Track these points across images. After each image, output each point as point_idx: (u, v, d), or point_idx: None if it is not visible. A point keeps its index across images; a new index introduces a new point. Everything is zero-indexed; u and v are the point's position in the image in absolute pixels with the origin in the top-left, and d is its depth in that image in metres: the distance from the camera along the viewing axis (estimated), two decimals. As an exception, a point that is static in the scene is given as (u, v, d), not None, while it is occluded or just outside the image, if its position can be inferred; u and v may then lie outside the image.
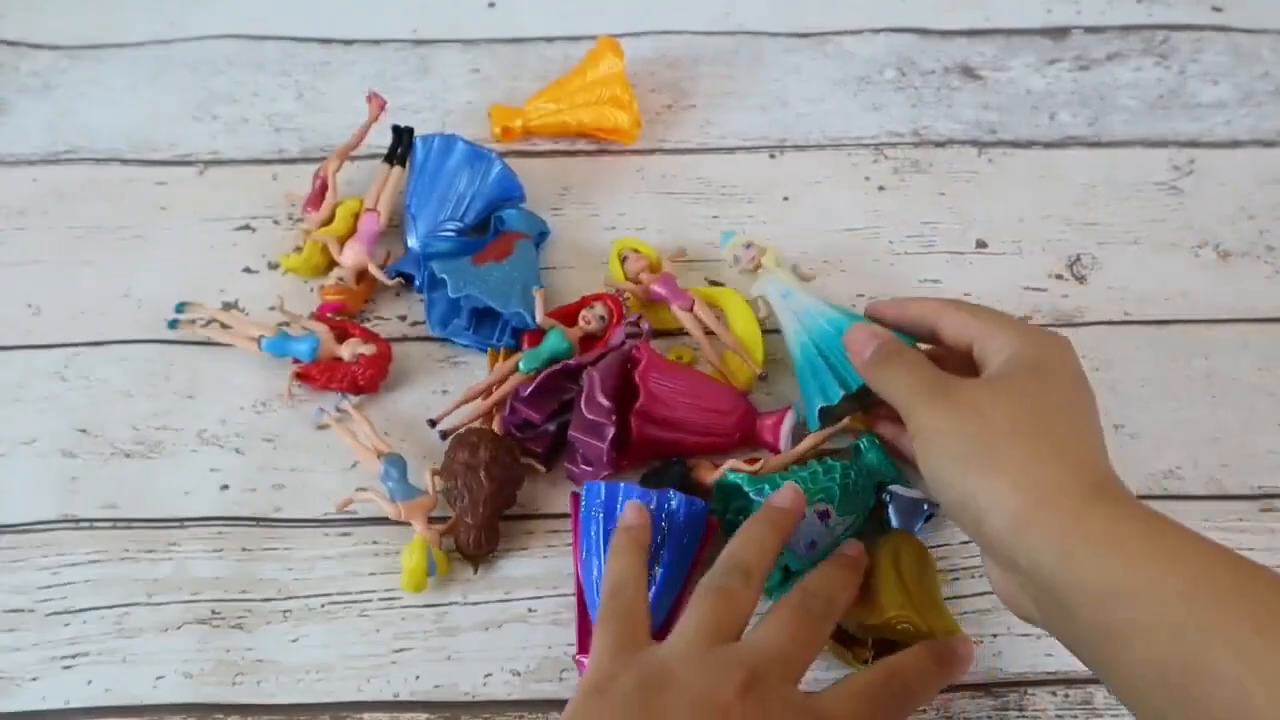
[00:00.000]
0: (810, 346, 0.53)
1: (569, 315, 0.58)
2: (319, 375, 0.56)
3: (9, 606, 0.51)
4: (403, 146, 0.63)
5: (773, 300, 0.57)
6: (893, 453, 0.53)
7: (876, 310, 0.51)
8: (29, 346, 0.60)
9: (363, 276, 0.60)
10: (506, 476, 0.52)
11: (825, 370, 0.52)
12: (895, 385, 0.46)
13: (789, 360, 0.55)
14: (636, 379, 0.52)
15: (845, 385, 0.51)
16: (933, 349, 0.49)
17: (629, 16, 0.75)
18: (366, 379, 0.56)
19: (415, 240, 0.61)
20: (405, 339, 0.60)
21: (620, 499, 0.48)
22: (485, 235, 0.61)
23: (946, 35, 0.74)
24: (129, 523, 0.54)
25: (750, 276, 0.60)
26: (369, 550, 0.53)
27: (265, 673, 0.49)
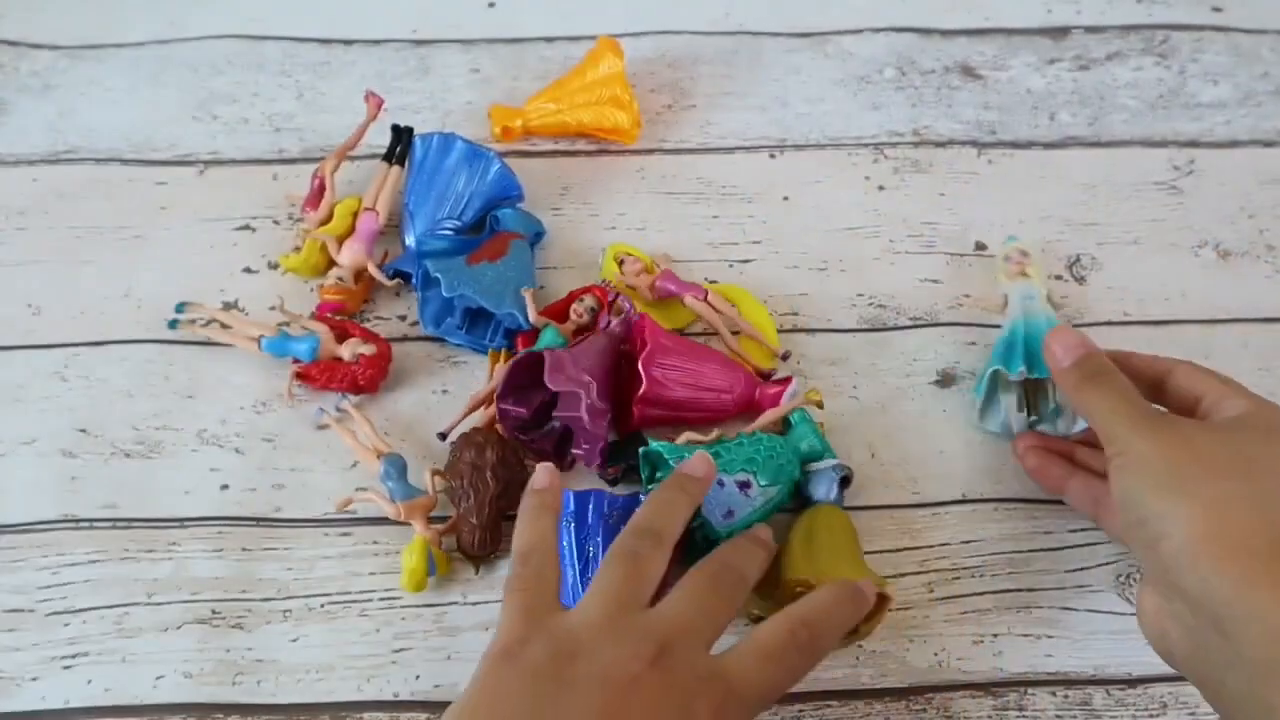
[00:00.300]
0: (1020, 327, 0.54)
1: (559, 312, 0.58)
2: (319, 375, 0.56)
3: (9, 606, 0.51)
4: (401, 146, 0.63)
5: (1013, 298, 0.57)
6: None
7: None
8: (29, 346, 0.60)
9: (361, 276, 0.60)
10: (512, 478, 0.52)
11: (1021, 348, 0.53)
12: (1102, 406, 0.45)
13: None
14: (640, 365, 0.52)
15: (1032, 367, 0.52)
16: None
17: (629, 16, 0.75)
18: (366, 379, 0.56)
19: (413, 239, 0.61)
20: (405, 339, 0.60)
21: (590, 506, 0.49)
22: (481, 234, 0.62)
23: (946, 35, 0.74)
24: (129, 522, 0.54)
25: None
26: (369, 550, 0.53)
27: (265, 672, 0.49)
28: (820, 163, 0.68)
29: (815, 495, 0.52)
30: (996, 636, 0.50)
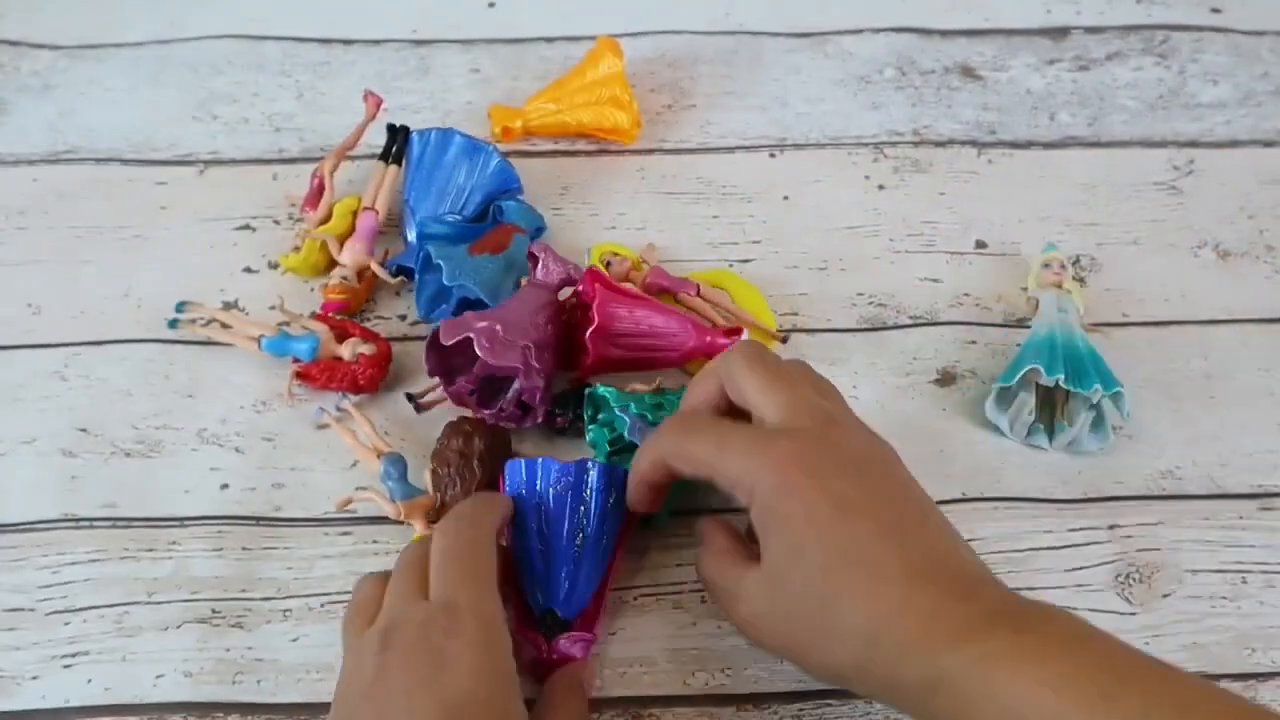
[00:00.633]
0: (1057, 334, 0.55)
1: None
2: (319, 375, 0.56)
3: (9, 605, 0.51)
4: (397, 145, 0.64)
5: (1045, 304, 0.57)
6: None
7: (632, 499, 0.48)
8: (29, 346, 0.60)
9: (363, 275, 0.60)
10: (499, 469, 0.52)
11: (1061, 355, 0.54)
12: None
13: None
14: (594, 308, 0.53)
15: (1067, 377, 0.52)
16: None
17: (629, 16, 0.75)
18: (366, 378, 0.56)
19: (414, 234, 0.61)
20: (405, 338, 0.60)
21: (539, 474, 0.49)
22: (484, 223, 0.61)
23: (946, 35, 0.74)
24: (129, 522, 0.54)
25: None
26: (369, 550, 0.53)
27: (265, 672, 0.49)
28: (820, 162, 0.68)
29: None
30: (996, 636, 0.50)
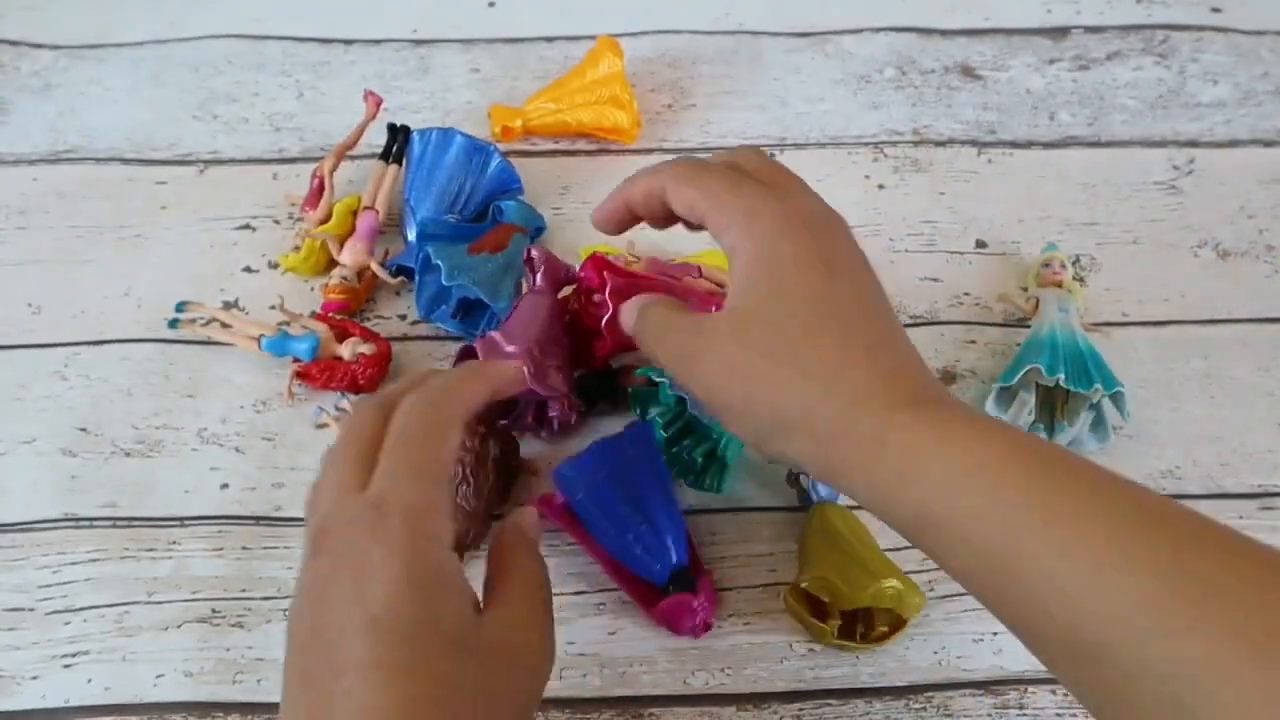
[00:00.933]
0: (1057, 334, 0.56)
1: None
2: (319, 374, 0.56)
3: (9, 605, 0.51)
4: (398, 144, 0.64)
5: (1047, 304, 0.58)
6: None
7: (602, 212, 0.45)
8: (29, 346, 0.60)
9: (364, 275, 0.60)
10: (512, 478, 0.53)
11: (1062, 355, 0.54)
12: (658, 352, 0.42)
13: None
14: (609, 299, 0.52)
15: (1067, 378, 0.53)
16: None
17: (629, 16, 0.75)
18: (366, 378, 0.56)
19: (414, 234, 0.61)
20: (405, 338, 0.60)
21: (590, 468, 0.49)
22: (484, 224, 0.61)
23: (946, 35, 0.74)
24: (129, 521, 0.54)
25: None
26: (369, 549, 0.53)
27: (265, 671, 0.49)
28: (820, 162, 0.68)
29: (822, 494, 0.53)
30: (996, 635, 0.50)
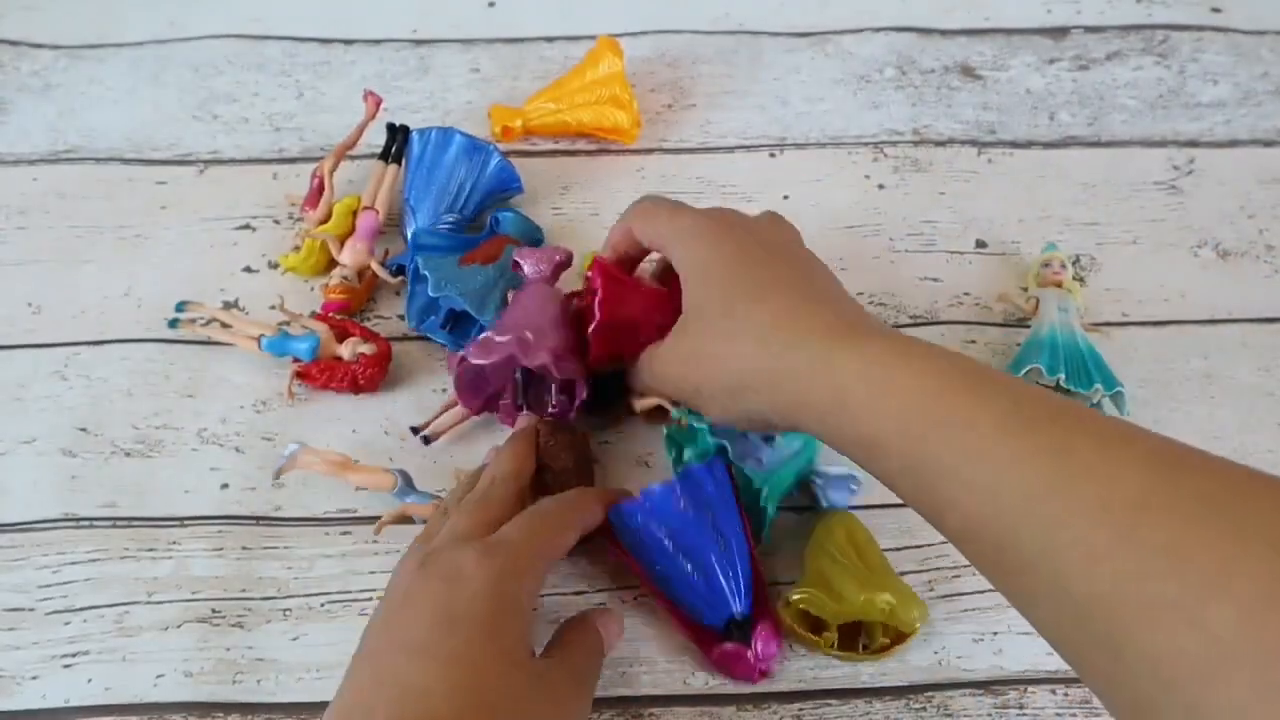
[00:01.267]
0: (1057, 334, 0.56)
1: None
2: (319, 374, 0.56)
3: (9, 605, 0.51)
4: (397, 144, 0.64)
5: (1046, 303, 0.58)
6: None
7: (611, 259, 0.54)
8: (29, 346, 0.60)
9: (364, 274, 0.60)
10: (587, 470, 0.53)
11: (1061, 354, 0.55)
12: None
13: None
14: (596, 309, 0.51)
15: (1067, 377, 0.54)
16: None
17: (629, 16, 0.75)
18: (366, 378, 0.56)
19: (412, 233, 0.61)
20: (405, 338, 0.60)
21: (655, 504, 0.48)
22: (481, 233, 0.61)
23: (946, 35, 0.74)
24: (129, 521, 0.54)
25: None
26: (369, 549, 0.53)
27: (265, 671, 0.49)
28: (820, 162, 0.68)
29: (833, 500, 0.53)
30: (996, 635, 0.50)
